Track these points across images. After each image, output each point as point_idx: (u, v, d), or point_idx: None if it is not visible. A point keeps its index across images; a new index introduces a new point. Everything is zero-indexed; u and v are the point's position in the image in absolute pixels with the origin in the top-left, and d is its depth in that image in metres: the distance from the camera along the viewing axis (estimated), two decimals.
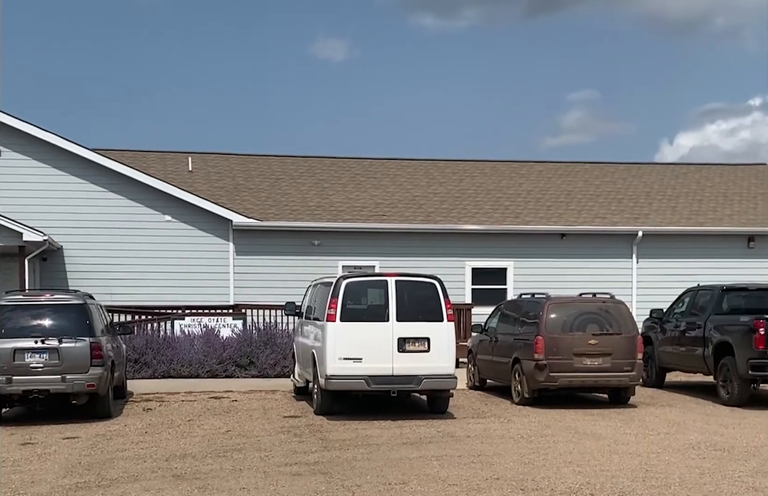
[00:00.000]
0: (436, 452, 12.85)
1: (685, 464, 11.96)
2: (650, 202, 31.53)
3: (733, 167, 36.84)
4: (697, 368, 20.26)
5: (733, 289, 20.71)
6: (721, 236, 29.44)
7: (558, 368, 17.89)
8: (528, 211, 29.88)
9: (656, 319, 22.19)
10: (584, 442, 13.75)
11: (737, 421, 16.06)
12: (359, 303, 16.87)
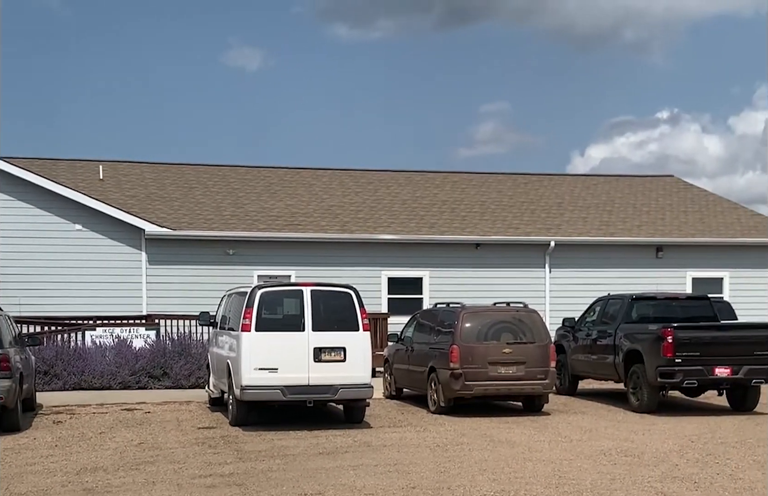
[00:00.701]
0: (353, 461, 12.82)
1: (597, 470, 12.13)
2: (562, 212, 32.03)
3: (642, 179, 37.67)
4: (608, 375, 20.61)
5: (643, 298, 21.14)
6: (631, 246, 30.05)
7: (473, 377, 18.00)
8: (443, 221, 30.08)
9: (568, 327, 22.52)
10: (499, 449, 13.86)
11: (647, 427, 16.37)
12: (274, 313, 16.76)
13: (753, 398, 18.94)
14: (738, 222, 32.18)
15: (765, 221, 32.76)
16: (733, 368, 18.16)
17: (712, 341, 18.52)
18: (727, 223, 32.05)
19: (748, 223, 32.19)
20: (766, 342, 18.53)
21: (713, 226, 31.64)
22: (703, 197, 35.25)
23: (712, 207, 33.84)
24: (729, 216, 32.80)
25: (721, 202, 34.78)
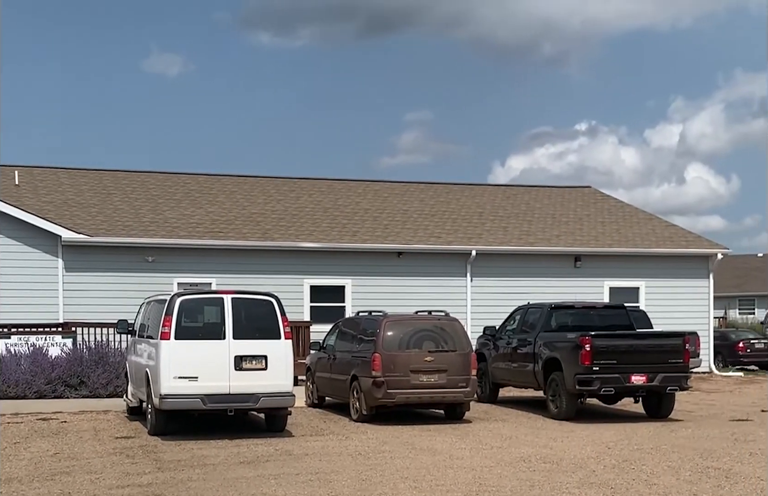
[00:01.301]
0: (274, 470, 12.74)
1: (517, 477, 12.26)
2: (483, 222, 32.33)
3: (560, 190, 38.24)
4: (528, 383, 20.86)
5: (561, 307, 21.44)
6: (550, 256, 30.46)
7: (395, 385, 18.04)
8: (365, 229, 30.13)
9: (489, 336, 22.73)
10: (421, 457, 13.91)
11: (566, 434, 16.59)
12: (195, 321, 16.60)
13: (668, 405, 19.33)
14: (653, 233, 32.87)
15: (679, 232, 33.53)
16: (648, 376, 18.54)
17: (628, 350, 18.88)
18: (643, 233, 32.71)
19: (663, 233, 32.90)
20: (680, 350, 18.96)
21: (629, 237, 32.25)
22: (620, 208, 35.93)
23: (629, 218, 34.50)
24: (645, 227, 33.48)
25: (637, 213, 35.48)
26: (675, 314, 29.93)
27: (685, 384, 19.03)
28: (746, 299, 75.31)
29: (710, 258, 31.74)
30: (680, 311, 30.39)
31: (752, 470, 12.71)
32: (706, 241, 32.95)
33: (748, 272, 78.16)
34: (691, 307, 31.11)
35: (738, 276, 76.09)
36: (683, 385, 18.97)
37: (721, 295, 62.44)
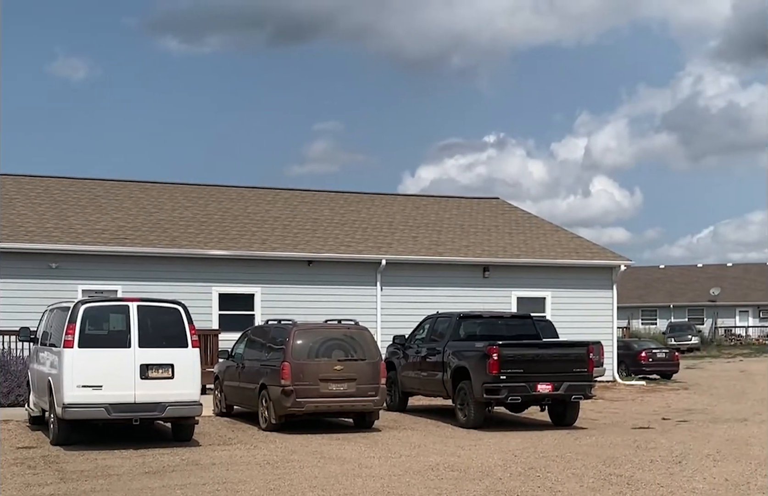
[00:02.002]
0: (180, 480, 12.57)
1: (425, 485, 12.32)
2: (393, 231, 32.45)
3: (469, 200, 38.62)
4: (437, 392, 20.99)
5: (469, 316, 21.66)
6: (459, 266, 30.73)
7: (304, 394, 17.98)
8: (275, 237, 29.97)
9: (399, 345, 22.81)
10: (329, 466, 13.88)
11: (473, 442, 16.74)
12: (99, 329, 16.29)
13: (572, 414, 19.66)
14: (559, 244, 33.42)
15: (585, 244, 34.16)
16: (554, 385, 18.83)
17: (534, 359, 19.16)
18: (550, 245, 33.24)
19: (568, 245, 33.48)
20: (584, 360, 19.31)
21: (536, 248, 32.74)
22: (527, 220, 36.45)
23: (536, 229, 35.03)
24: (551, 238, 34.03)
25: (544, 225, 36.04)
26: (580, 323, 30.45)
27: (589, 393, 19.40)
28: (649, 309, 77.21)
29: (614, 269, 32.42)
30: (585, 321, 30.94)
31: (653, 477, 13.01)
32: (610, 253, 33.65)
33: (651, 283, 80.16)
34: (595, 317, 31.71)
35: (641, 287, 77.95)
36: (587, 393, 19.33)
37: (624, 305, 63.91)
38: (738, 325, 75.07)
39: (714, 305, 75.91)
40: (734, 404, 24.96)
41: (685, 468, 13.74)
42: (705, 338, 69.98)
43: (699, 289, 78.53)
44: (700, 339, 66.80)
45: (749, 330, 74.12)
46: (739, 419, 20.87)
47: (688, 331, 66.34)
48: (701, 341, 66.70)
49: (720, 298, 76.19)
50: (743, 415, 21.90)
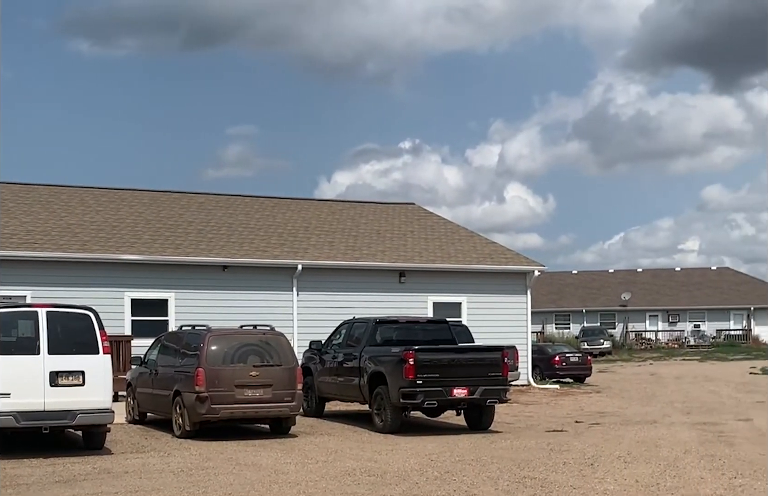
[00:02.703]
0: (91, 489, 12.30)
1: (342, 490, 12.27)
2: (309, 236, 32.33)
3: (385, 206, 38.70)
4: (354, 397, 20.94)
5: (386, 321, 21.67)
6: (376, 271, 30.75)
7: (219, 400, 17.77)
8: (189, 242, 29.60)
9: (315, 350, 22.72)
10: (245, 473, 13.73)
11: (390, 447, 16.74)
12: (7, 335, 15.81)
13: (488, 418, 19.79)
14: (474, 250, 33.69)
15: (499, 249, 34.49)
16: (469, 389, 18.93)
17: (450, 364, 19.24)
18: (465, 250, 33.49)
19: (483, 250, 33.77)
20: (499, 364, 19.47)
21: (452, 254, 32.95)
22: (443, 225, 36.66)
23: (451, 235, 35.24)
24: (466, 244, 34.28)
25: (459, 231, 36.29)
26: (495, 328, 30.70)
27: (504, 397, 19.55)
28: (562, 314, 78.38)
29: (528, 275, 32.80)
30: (500, 326, 31.21)
31: (566, 479, 13.16)
32: (524, 259, 34.03)
33: (564, 288, 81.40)
34: (510, 322, 32.02)
35: (554, 292, 79.10)
36: (502, 397, 19.48)
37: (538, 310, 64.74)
38: (648, 329, 76.69)
39: (625, 309, 77.45)
40: (644, 407, 25.45)
41: (597, 470, 13.94)
42: (617, 342, 71.34)
43: (610, 294, 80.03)
44: (612, 343, 68.09)
45: (659, 334, 75.78)
46: (649, 422, 21.27)
47: (600, 335, 67.56)
48: (613, 345, 67.99)
49: (631, 303, 77.75)
50: (653, 417, 22.33)
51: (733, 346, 70.21)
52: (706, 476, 13.35)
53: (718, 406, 25.39)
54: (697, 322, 76.79)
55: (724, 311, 77.01)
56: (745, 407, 24.79)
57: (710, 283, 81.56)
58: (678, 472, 13.73)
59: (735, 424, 20.52)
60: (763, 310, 76.33)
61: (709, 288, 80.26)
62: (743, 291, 79.60)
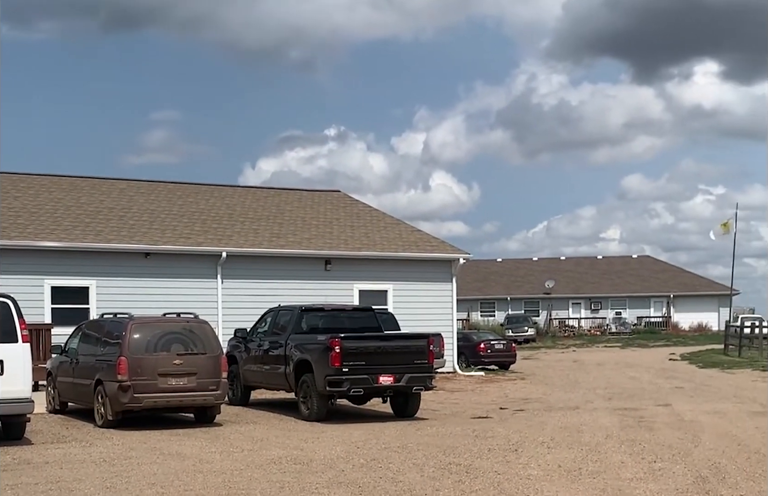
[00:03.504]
0: (11, 480, 12.02)
1: (267, 479, 12.19)
2: (233, 223, 32.05)
3: (310, 193, 38.57)
4: (280, 385, 20.85)
5: (312, 309, 21.60)
6: (301, 259, 30.63)
7: (143, 389, 17.53)
8: (110, 229, 29.12)
9: (240, 338, 22.55)
10: (169, 462, 13.56)
11: (317, 435, 16.70)
12: None
13: (414, 405, 19.86)
14: (400, 237, 33.77)
15: (425, 237, 34.63)
16: (395, 377, 18.96)
17: (376, 351, 19.24)
18: (391, 238, 33.54)
19: (409, 238, 33.86)
20: (425, 351, 19.53)
21: (378, 241, 32.98)
22: (369, 213, 36.66)
23: (377, 222, 35.27)
24: (392, 231, 34.34)
25: (385, 218, 36.32)
26: (421, 316, 30.84)
27: (430, 384, 19.63)
28: (487, 301, 79.10)
29: (453, 263, 32.98)
30: (426, 314, 31.35)
31: (490, 464, 13.26)
32: (449, 247, 34.21)
33: (489, 276, 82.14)
34: (436, 309, 32.18)
35: (479, 280, 79.76)
36: (428, 385, 19.56)
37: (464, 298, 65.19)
38: (571, 316, 77.83)
39: (549, 297, 78.46)
40: (567, 393, 25.81)
41: (521, 455, 14.08)
42: (541, 329, 72.27)
43: (534, 282, 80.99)
44: (536, 330, 68.97)
45: (582, 321, 76.95)
46: (572, 407, 21.57)
47: (524, 323, 68.36)
48: (537, 332, 68.87)
49: (554, 290, 78.80)
50: (575, 403, 22.65)
51: (654, 333, 71.67)
52: (627, 461, 13.57)
53: (638, 392, 25.86)
54: (618, 309, 78.15)
55: (645, 298, 78.51)
56: (665, 393, 25.29)
57: (631, 271, 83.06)
58: (599, 457, 13.94)
59: (655, 409, 20.92)
60: (682, 297, 78.03)
61: (630, 276, 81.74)
62: (663, 279, 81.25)
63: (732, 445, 15.12)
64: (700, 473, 12.48)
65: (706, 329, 74.49)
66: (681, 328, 74.72)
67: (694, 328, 74.54)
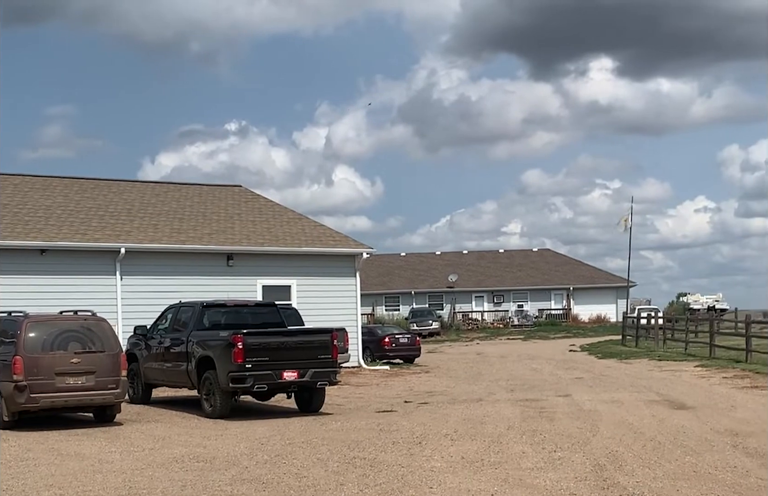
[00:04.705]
0: None
1: (169, 477, 12.01)
2: (132, 219, 31.48)
3: (211, 188, 38.14)
4: (182, 382, 20.57)
5: (213, 305, 21.36)
6: (203, 254, 30.28)
7: (39, 389, 17.09)
8: (4, 225, 28.31)
9: (141, 336, 22.17)
10: (68, 463, 13.25)
11: (220, 432, 16.52)
12: None
13: (319, 400, 19.81)
14: (303, 232, 33.65)
15: (328, 232, 34.58)
16: (299, 372, 18.89)
17: (280, 347, 19.14)
18: (294, 233, 33.39)
19: (312, 233, 33.77)
20: (328, 346, 19.49)
21: (280, 236, 32.79)
22: (271, 208, 36.42)
23: (279, 217, 35.07)
24: (295, 226, 34.19)
25: (287, 213, 36.13)
26: (325, 311, 30.78)
27: (334, 379, 19.61)
28: (392, 296, 79.42)
29: (357, 257, 33.01)
30: (330, 308, 31.31)
31: (395, 458, 13.30)
32: (353, 241, 34.23)
33: (393, 270, 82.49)
34: (340, 304, 32.17)
35: (384, 274, 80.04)
36: (333, 379, 19.54)
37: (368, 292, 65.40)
38: (474, 310, 78.68)
39: (452, 291, 79.15)
40: (471, 385, 26.07)
41: (425, 448, 14.16)
42: (445, 322, 72.87)
43: (438, 275, 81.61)
44: (441, 324, 69.52)
45: (485, 314, 77.87)
46: (475, 399, 21.79)
47: (429, 316, 68.84)
48: (441, 325, 69.43)
49: (457, 284, 79.53)
50: (479, 395, 22.89)
51: (554, 325, 72.97)
52: (528, 451, 13.77)
53: (539, 383, 26.27)
54: (520, 302, 79.31)
55: (546, 291, 79.83)
56: (565, 384, 25.75)
57: (532, 264, 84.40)
58: (501, 447, 14.11)
59: (555, 400, 21.27)
60: (581, 290, 79.59)
61: (531, 269, 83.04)
62: (563, 272, 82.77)
63: (628, 433, 15.47)
64: (598, 461, 12.74)
65: (605, 320, 76.15)
66: (581, 320, 76.22)
67: (593, 319, 76.12)
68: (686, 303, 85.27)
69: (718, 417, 17.44)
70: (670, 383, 25.02)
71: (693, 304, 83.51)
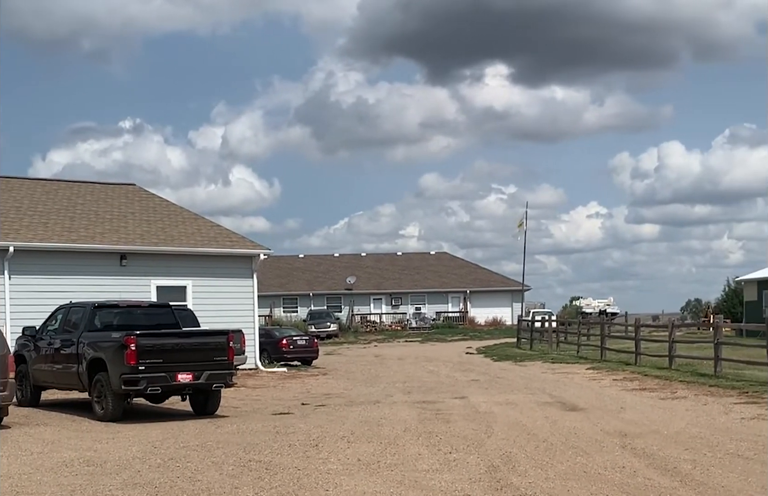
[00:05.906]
0: None
1: (58, 482, 11.72)
2: (21, 217, 30.63)
3: (104, 186, 37.39)
4: (73, 385, 20.10)
5: (105, 306, 20.94)
6: (95, 254, 29.65)
7: None
8: None
9: (29, 336, 21.60)
10: None
11: (112, 436, 16.18)
12: None
13: (214, 402, 19.58)
14: (199, 232, 33.25)
15: (224, 232, 34.25)
16: (195, 374, 18.65)
17: (174, 348, 18.86)
18: (189, 233, 32.96)
19: (209, 233, 33.40)
20: (224, 348, 19.30)
21: (176, 236, 32.33)
22: (166, 207, 35.89)
23: (174, 217, 34.57)
24: (191, 226, 33.76)
25: (183, 213, 35.65)
26: (221, 312, 30.49)
27: (230, 381, 19.41)
28: (290, 297, 79.11)
29: (254, 258, 32.77)
30: (227, 310, 31.02)
31: (291, 460, 13.22)
32: (250, 242, 33.97)
33: (291, 272, 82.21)
34: (237, 305, 31.90)
35: (282, 276, 79.71)
36: (228, 382, 19.33)
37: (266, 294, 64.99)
38: (373, 312, 78.94)
39: (350, 293, 79.26)
40: (368, 388, 26.11)
41: (322, 450, 14.11)
42: (343, 324, 72.94)
43: (336, 278, 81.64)
44: (339, 326, 69.56)
45: (383, 317, 78.19)
46: (373, 402, 21.83)
47: (327, 318, 68.76)
48: (340, 327, 69.47)
49: (356, 286, 79.68)
50: (376, 397, 22.93)
51: (452, 327, 73.74)
52: (424, 452, 13.84)
53: (436, 385, 26.46)
54: (418, 305, 79.90)
55: (443, 294, 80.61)
56: (461, 386, 25.99)
57: (430, 267, 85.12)
58: (398, 449, 14.15)
59: (452, 402, 21.45)
60: (478, 293, 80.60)
61: (429, 272, 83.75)
62: (460, 275, 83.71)
63: (522, 434, 15.69)
64: (492, 463, 12.88)
65: (501, 323, 77.28)
66: (477, 322, 77.18)
67: (490, 322, 77.16)
68: (579, 307, 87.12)
69: (608, 419, 17.82)
70: (562, 385, 25.49)
71: (585, 308, 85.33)
